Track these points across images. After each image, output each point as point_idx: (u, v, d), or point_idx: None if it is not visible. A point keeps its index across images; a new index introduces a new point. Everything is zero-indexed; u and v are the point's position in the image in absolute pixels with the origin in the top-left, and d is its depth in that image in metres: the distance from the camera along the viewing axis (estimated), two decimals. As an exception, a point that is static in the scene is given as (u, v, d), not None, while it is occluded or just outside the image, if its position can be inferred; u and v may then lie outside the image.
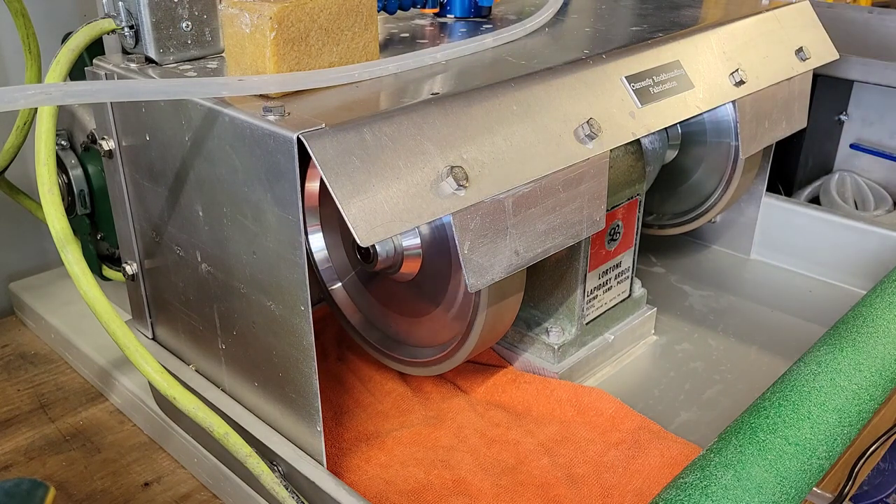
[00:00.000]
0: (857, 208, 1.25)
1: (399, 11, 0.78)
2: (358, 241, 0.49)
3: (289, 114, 0.52)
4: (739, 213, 1.03)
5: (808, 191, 1.27)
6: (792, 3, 0.89)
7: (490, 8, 0.82)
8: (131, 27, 0.63)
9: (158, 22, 0.62)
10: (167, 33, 0.63)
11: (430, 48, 0.65)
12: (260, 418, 0.66)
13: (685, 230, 0.98)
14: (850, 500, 0.71)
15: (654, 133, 0.80)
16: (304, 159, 0.49)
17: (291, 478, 0.62)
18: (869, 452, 0.68)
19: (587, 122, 0.62)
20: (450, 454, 0.68)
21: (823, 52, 0.89)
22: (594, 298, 0.79)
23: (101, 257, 0.88)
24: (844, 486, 0.66)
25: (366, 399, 0.76)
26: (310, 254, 0.77)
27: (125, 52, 0.65)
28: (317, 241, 0.77)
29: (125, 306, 0.79)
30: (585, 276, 0.76)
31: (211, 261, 0.63)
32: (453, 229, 0.54)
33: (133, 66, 0.63)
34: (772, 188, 1.06)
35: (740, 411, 0.62)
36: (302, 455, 0.62)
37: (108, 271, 0.88)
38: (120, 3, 0.62)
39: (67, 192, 0.82)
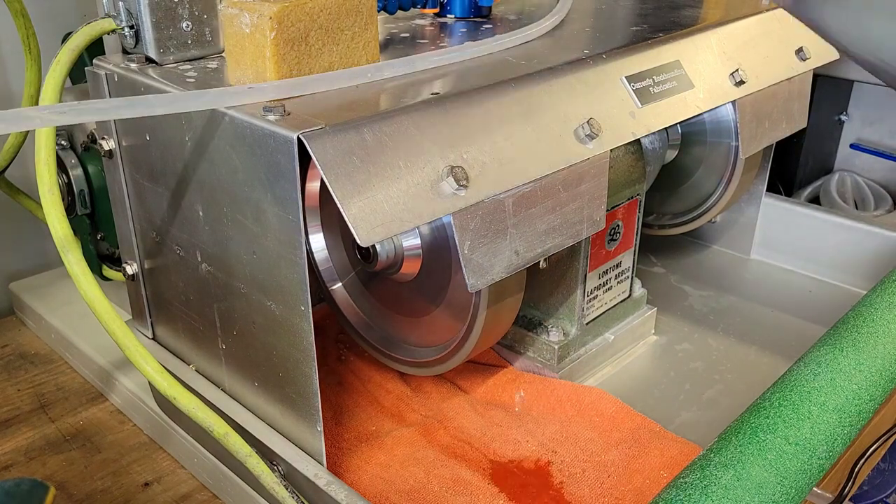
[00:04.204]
0: (857, 208, 1.25)
1: (399, 11, 0.78)
2: (358, 241, 0.49)
3: (289, 113, 0.52)
4: (739, 213, 1.03)
5: (808, 191, 1.27)
6: (792, 3, 0.89)
7: (490, 8, 0.82)
8: (131, 27, 0.63)
9: (158, 22, 0.62)
10: (167, 33, 0.63)
11: (444, 49, 0.65)
12: (260, 418, 0.66)
13: (685, 230, 0.98)
14: (850, 500, 0.71)
15: (654, 133, 0.80)
16: (305, 159, 0.49)
17: (291, 478, 0.62)
18: (869, 452, 0.68)
19: (587, 122, 0.62)
20: (450, 454, 0.68)
21: (823, 52, 0.89)
22: (594, 298, 0.79)
23: (101, 257, 0.88)
24: (844, 486, 0.66)
25: (366, 399, 0.76)
26: (310, 254, 0.77)
27: (125, 52, 0.65)
28: (317, 241, 0.77)
29: (125, 306, 0.79)
30: (585, 276, 0.76)
31: (211, 261, 0.63)
32: (453, 229, 0.54)
33: (133, 65, 0.63)
34: (772, 188, 1.06)
35: (740, 411, 0.62)
36: (302, 455, 0.62)
37: (108, 271, 0.88)
38: (120, 3, 0.62)
39: (67, 192, 0.82)
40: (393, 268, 0.68)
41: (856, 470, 0.67)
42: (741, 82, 0.77)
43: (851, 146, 1.30)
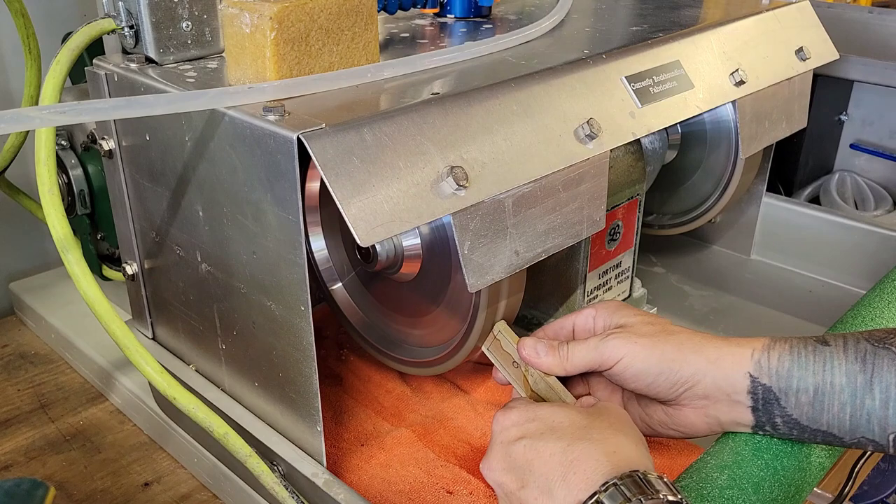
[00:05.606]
0: (857, 208, 1.25)
1: (399, 11, 0.78)
2: (358, 242, 0.49)
3: (289, 114, 0.52)
4: (739, 213, 1.03)
5: (808, 191, 1.27)
6: (792, 3, 0.89)
7: (490, 8, 0.82)
8: (131, 27, 0.63)
9: (158, 22, 0.62)
10: (167, 33, 0.63)
11: (444, 49, 0.65)
12: (260, 418, 0.66)
13: (685, 230, 0.98)
14: (850, 500, 0.71)
15: (654, 133, 0.80)
16: (305, 159, 0.49)
17: (291, 478, 0.62)
18: (869, 452, 0.68)
19: (587, 122, 0.62)
20: (450, 454, 0.68)
21: (823, 52, 0.89)
22: (594, 298, 0.79)
23: (101, 257, 0.88)
24: (844, 486, 0.66)
25: (366, 399, 0.76)
26: (310, 254, 0.77)
27: (125, 51, 0.65)
28: (317, 241, 0.77)
29: (125, 306, 0.79)
30: (585, 276, 0.76)
31: (211, 261, 0.63)
32: (453, 229, 0.54)
33: (133, 66, 0.63)
34: (772, 188, 1.06)
35: (740, 411, 0.62)
36: (302, 455, 0.62)
37: (108, 271, 0.88)
38: (120, 3, 0.62)
39: (67, 192, 0.83)
40: (393, 268, 0.68)
41: (856, 470, 0.67)
42: (741, 82, 0.77)
43: (851, 146, 1.29)
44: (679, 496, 0.45)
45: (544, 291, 0.78)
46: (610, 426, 0.50)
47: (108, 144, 0.68)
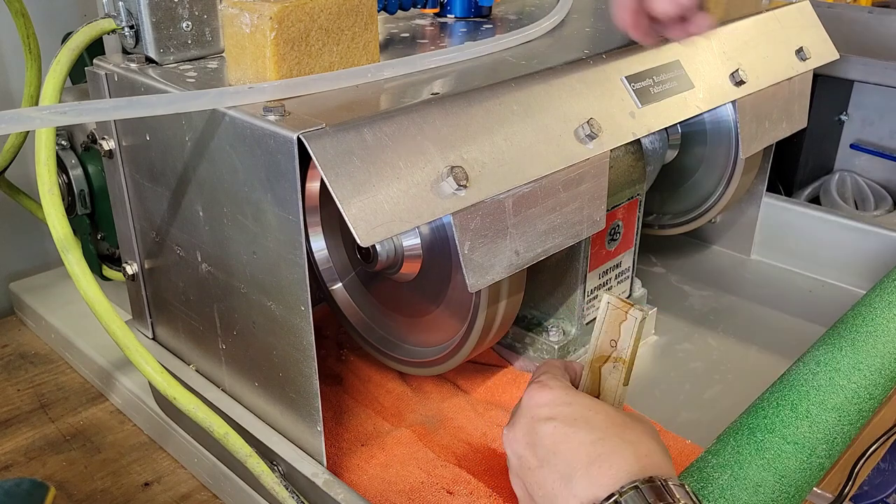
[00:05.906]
0: (857, 208, 1.25)
1: (399, 11, 0.78)
2: (358, 241, 0.49)
3: (289, 113, 0.52)
4: (739, 213, 1.03)
5: (808, 191, 1.27)
6: (792, 3, 0.89)
7: (490, 8, 0.82)
8: (131, 27, 0.63)
9: (158, 22, 0.62)
10: (167, 33, 0.63)
11: (444, 49, 0.65)
12: (260, 418, 0.66)
13: (685, 230, 0.98)
14: (850, 500, 0.71)
15: (654, 133, 0.80)
16: (305, 159, 0.49)
17: (291, 478, 0.62)
18: (869, 452, 0.68)
19: (587, 122, 0.62)
20: (450, 454, 0.68)
21: (823, 52, 0.89)
22: (594, 298, 0.79)
23: (101, 257, 0.88)
24: (844, 486, 0.66)
25: (366, 399, 0.76)
26: (310, 254, 0.77)
27: (125, 51, 0.65)
28: (317, 242, 0.77)
29: (125, 306, 0.79)
30: (585, 276, 0.76)
31: (211, 261, 0.63)
32: (453, 229, 0.54)
33: (133, 65, 0.63)
34: (772, 188, 1.06)
35: (740, 411, 0.62)
36: (302, 455, 0.62)
37: (108, 271, 0.88)
38: (120, 3, 0.62)
39: (67, 192, 0.82)
40: (393, 268, 0.68)
41: (856, 470, 0.67)
42: (741, 82, 0.77)
43: (851, 146, 1.30)
44: None
45: (544, 291, 0.78)
46: (645, 432, 0.50)
47: (108, 144, 0.68)
